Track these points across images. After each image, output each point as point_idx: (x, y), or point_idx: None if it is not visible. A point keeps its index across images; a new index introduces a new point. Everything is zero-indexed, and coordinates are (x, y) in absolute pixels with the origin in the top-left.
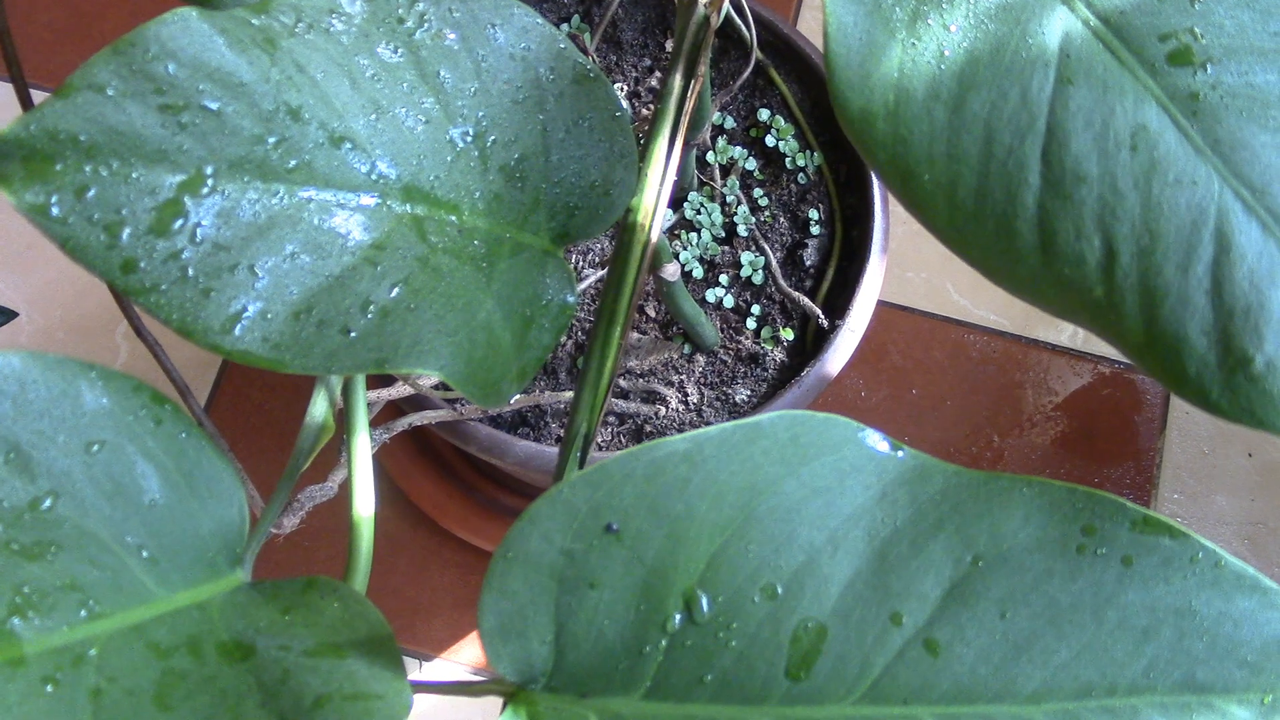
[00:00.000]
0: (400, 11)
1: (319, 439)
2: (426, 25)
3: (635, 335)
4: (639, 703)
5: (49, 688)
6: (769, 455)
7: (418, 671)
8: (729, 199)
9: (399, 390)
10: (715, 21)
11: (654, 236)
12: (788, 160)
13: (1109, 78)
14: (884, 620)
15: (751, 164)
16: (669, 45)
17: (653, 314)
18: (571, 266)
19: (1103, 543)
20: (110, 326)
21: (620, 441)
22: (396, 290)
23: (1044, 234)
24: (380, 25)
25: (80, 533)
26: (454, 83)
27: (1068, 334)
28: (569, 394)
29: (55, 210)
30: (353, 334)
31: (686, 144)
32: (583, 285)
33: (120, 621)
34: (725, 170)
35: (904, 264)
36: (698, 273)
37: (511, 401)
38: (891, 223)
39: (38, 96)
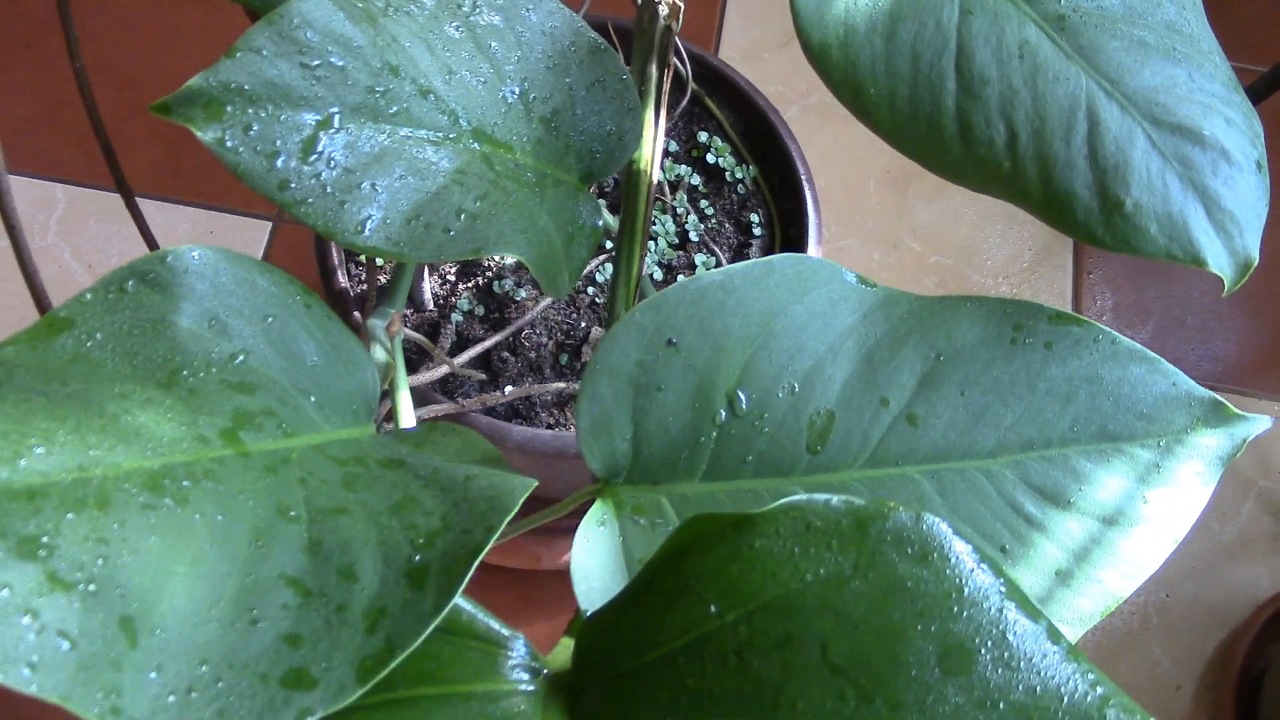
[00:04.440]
0: (455, 1)
1: (387, 374)
2: (478, 10)
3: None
4: (698, 484)
5: (270, 475)
6: (780, 286)
7: None
8: (679, 210)
9: (413, 379)
10: (676, 28)
11: (654, 178)
12: (727, 174)
13: (998, 7)
14: (875, 404)
15: (696, 179)
16: None
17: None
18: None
19: (1029, 334)
20: None
21: None
22: (479, 203)
23: (962, 126)
24: (445, 9)
25: (267, 379)
26: (502, 52)
27: None
28: (556, 385)
29: (229, 143)
30: (452, 232)
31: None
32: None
33: (306, 441)
34: (674, 186)
35: None
36: (658, 275)
37: (505, 393)
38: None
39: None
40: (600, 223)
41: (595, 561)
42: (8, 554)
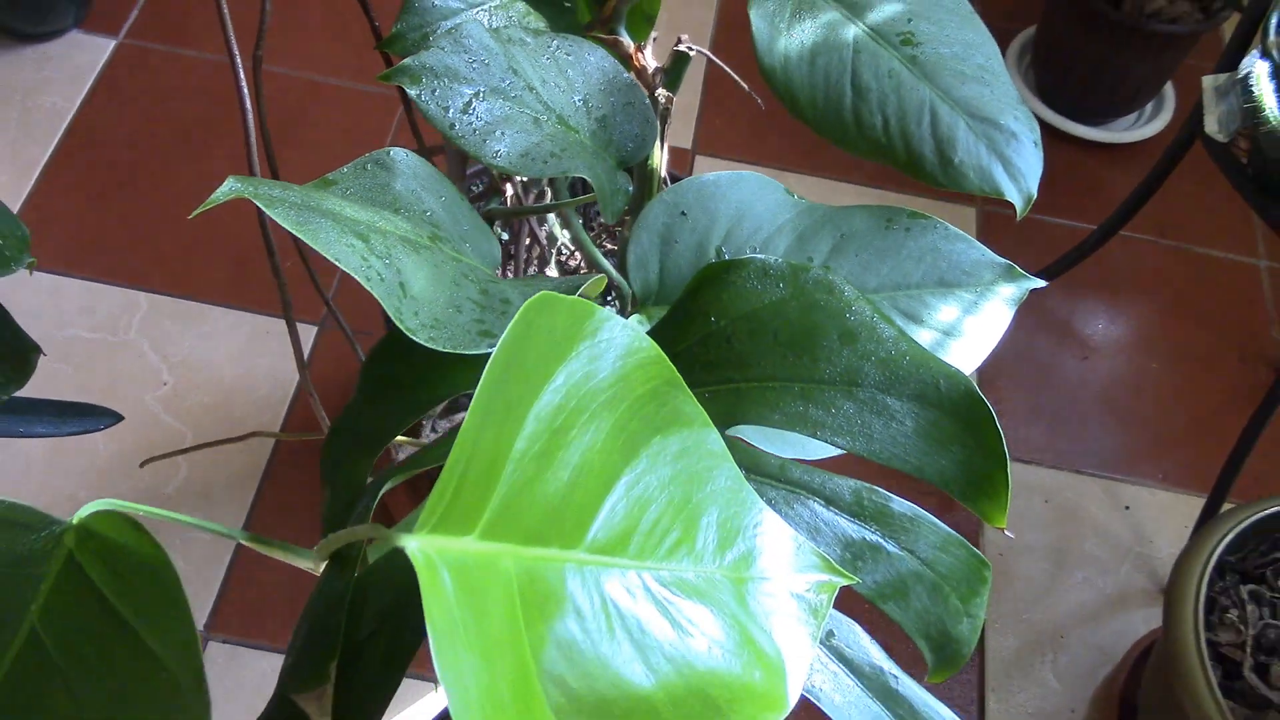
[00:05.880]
0: (547, 42)
1: None
2: (559, 49)
3: None
4: None
5: (454, 261)
6: (748, 190)
7: (435, 690)
8: None
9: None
10: (671, 107)
11: (662, 173)
12: None
13: (876, 50)
14: (805, 260)
15: None
16: None
17: None
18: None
19: (896, 224)
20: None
21: None
22: (563, 151)
23: (856, 117)
24: (540, 45)
25: (444, 227)
26: (573, 76)
27: None
28: None
29: (423, 98)
30: (547, 163)
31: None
32: None
33: (469, 261)
34: None
35: None
36: None
37: None
38: None
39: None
40: (630, 189)
41: None
42: (362, 235)
